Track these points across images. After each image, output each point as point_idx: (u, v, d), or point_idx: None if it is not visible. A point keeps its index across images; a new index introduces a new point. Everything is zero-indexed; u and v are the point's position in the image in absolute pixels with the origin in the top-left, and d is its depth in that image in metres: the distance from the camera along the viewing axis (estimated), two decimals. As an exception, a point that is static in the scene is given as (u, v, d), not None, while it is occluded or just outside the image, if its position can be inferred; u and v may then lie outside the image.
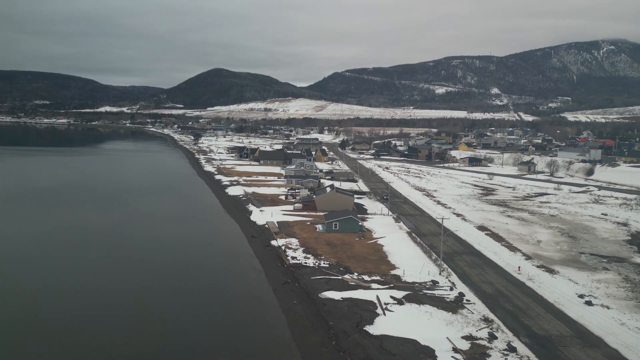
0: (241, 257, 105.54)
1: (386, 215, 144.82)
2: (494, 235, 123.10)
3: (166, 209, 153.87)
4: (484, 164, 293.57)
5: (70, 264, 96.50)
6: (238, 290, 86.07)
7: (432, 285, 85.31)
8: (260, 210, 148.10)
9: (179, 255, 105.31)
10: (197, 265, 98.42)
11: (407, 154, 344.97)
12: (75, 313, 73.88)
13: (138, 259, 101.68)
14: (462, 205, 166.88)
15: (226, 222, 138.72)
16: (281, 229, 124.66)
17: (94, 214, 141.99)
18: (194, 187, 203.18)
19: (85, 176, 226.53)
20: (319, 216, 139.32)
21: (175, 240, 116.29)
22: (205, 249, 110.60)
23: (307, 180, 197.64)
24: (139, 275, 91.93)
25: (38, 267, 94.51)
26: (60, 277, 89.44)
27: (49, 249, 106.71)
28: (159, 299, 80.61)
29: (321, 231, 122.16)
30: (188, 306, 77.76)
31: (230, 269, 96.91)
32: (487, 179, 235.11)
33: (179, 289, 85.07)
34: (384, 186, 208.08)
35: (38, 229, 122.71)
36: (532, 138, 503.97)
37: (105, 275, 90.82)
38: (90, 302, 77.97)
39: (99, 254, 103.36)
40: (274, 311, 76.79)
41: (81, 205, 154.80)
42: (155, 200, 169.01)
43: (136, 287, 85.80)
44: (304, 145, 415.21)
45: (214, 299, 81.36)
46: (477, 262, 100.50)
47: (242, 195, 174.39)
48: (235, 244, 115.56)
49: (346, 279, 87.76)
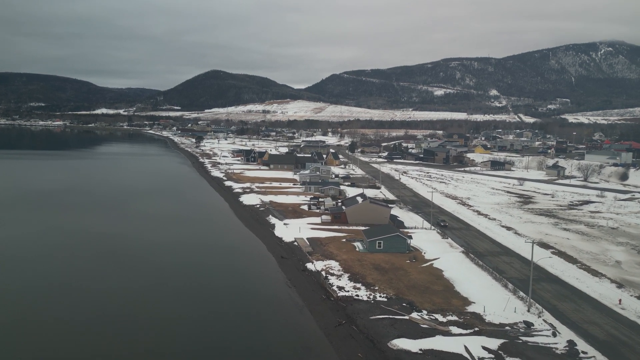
0: (274, 286, 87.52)
1: (428, 229, 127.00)
2: (562, 255, 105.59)
3: (177, 222, 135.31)
4: (507, 168, 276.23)
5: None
6: (281, 337, 67.89)
7: (526, 329, 67.65)
8: (284, 223, 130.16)
9: (200, 280, 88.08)
10: (223, 298, 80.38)
11: (423, 157, 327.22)
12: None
13: (148, 287, 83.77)
14: (505, 215, 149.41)
15: (247, 239, 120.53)
16: (314, 248, 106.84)
17: (99, 223, 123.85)
18: (204, 195, 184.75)
19: (81, 180, 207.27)
20: (354, 231, 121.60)
21: (193, 265, 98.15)
22: (230, 275, 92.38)
23: (328, 187, 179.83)
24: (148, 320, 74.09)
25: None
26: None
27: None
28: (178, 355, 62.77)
29: (362, 251, 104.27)
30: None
31: (265, 305, 78.16)
32: (517, 185, 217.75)
33: (205, 342, 67.10)
34: (410, 193, 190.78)
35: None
36: (545, 140, 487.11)
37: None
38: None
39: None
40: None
41: (79, 214, 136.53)
42: (164, 212, 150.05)
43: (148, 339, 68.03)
44: (312, 148, 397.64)
45: (254, 351, 63.38)
46: (564, 293, 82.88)
47: (260, 205, 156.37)
48: (264, 269, 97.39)
49: (415, 320, 70.00)
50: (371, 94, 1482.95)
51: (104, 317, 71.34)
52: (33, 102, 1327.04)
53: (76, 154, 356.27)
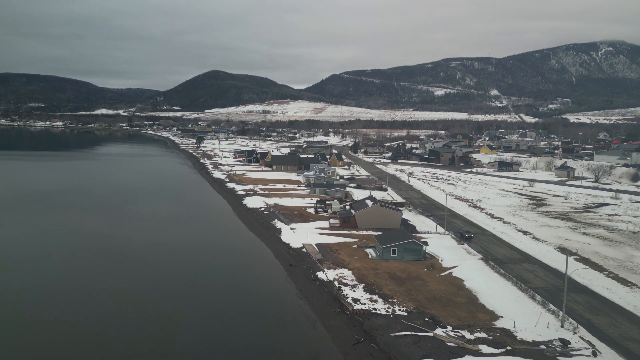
0: (284, 297, 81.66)
1: (442, 234, 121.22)
2: (586, 262, 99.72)
3: (179, 225, 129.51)
4: (515, 169, 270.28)
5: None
6: (295, 357, 62.18)
7: (563, 347, 61.87)
8: (291, 228, 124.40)
9: (201, 283, 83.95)
10: (229, 310, 74.59)
11: (428, 157, 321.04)
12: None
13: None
14: (520, 219, 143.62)
15: (253, 244, 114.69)
16: (324, 255, 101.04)
17: (97, 224, 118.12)
18: (206, 198, 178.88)
19: (81, 180, 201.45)
20: (364, 237, 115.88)
21: (196, 270, 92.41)
22: (237, 284, 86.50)
23: (334, 189, 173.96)
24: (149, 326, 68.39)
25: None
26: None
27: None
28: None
29: (376, 258, 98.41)
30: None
31: (276, 319, 72.35)
32: (527, 186, 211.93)
33: (208, 349, 61.38)
34: (418, 195, 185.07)
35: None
36: (550, 140, 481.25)
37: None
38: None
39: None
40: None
41: (79, 215, 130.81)
42: (165, 214, 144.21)
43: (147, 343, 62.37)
44: (314, 149, 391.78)
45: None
46: (596, 305, 77.13)
47: (264, 208, 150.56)
48: (272, 278, 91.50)
49: (440, 337, 64.21)
50: (371, 94, 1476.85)
51: (104, 317, 70.75)
52: (33, 103, 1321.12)
53: (74, 155, 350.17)
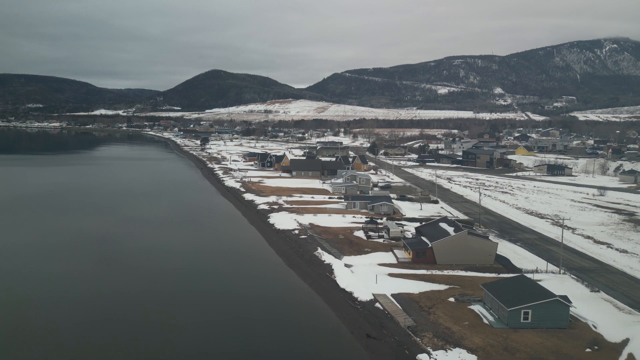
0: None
1: (557, 273, 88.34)
2: None
3: (195, 259, 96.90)
4: (567, 173, 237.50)
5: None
6: None
7: None
8: (345, 264, 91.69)
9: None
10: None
11: (462, 160, 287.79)
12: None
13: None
14: (630, 243, 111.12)
15: (299, 291, 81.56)
16: (412, 315, 68.32)
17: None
18: (224, 215, 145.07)
19: (76, 185, 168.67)
20: (453, 280, 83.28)
21: (229, 346, 59.99)
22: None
23: (380, 203, 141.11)
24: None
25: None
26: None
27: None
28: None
29: (497, 325, 65.40)
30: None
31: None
32: (598, 195, 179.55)
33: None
34: (478, 209, 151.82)
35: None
36: (583, 140, 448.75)
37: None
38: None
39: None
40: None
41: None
42: (171, 242, 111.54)
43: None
44: (329, 150, 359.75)
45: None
46: None
47: (299, 231, 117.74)
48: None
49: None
50: (374, 93, 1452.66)
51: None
52: (31, 104, 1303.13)
53: (66, 158, 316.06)
